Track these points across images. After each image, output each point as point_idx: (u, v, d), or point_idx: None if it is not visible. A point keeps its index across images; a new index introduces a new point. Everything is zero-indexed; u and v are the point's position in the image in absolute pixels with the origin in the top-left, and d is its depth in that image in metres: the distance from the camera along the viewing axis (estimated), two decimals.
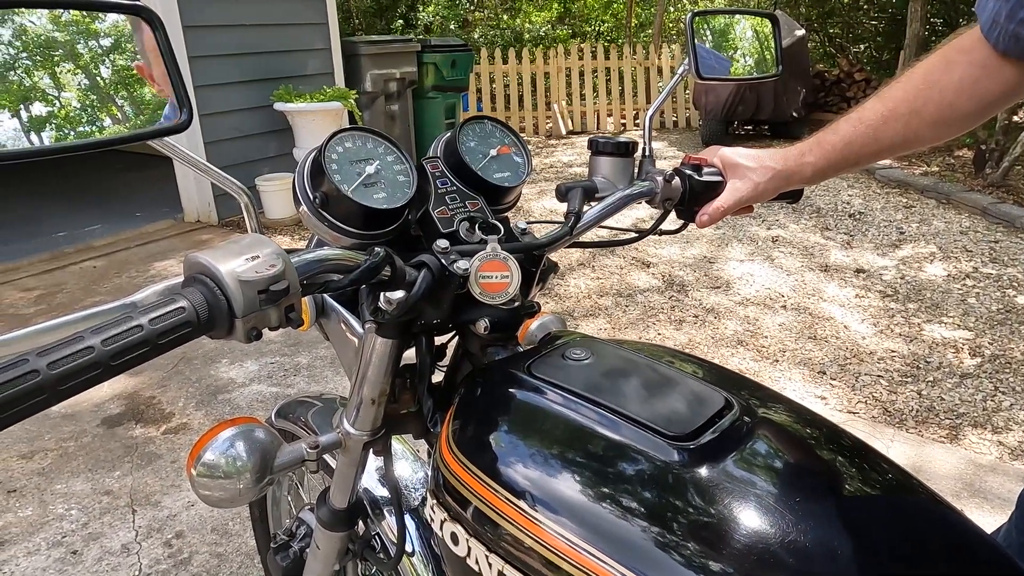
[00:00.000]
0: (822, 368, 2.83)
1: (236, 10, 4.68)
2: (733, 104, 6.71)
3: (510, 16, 11.57)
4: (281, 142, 4.97)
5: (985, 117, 0.78)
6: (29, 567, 1.82)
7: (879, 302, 3.43)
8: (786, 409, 0.69)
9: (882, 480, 0.63)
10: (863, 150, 0.81)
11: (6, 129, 0.66)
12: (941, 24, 8.17)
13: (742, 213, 0.90)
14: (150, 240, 4.48)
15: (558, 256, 0.89)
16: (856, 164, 0.83)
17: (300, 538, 1.03)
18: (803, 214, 4.78)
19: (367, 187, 0.69)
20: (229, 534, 1.92)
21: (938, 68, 0.76)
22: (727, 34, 1.23)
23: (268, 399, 2.62)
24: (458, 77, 5.99)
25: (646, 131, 0.96)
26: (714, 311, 3.37)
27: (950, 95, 0.74)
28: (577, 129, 8.02)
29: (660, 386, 0.69)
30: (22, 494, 2.11)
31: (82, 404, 2.57)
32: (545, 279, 0.83)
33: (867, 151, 0.81)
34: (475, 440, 0.67)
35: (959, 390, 2.64)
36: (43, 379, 0.44)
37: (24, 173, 6.06)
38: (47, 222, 4.78)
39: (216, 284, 0.52)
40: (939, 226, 4.46)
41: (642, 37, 10.88)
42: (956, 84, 0.74)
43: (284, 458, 0.74)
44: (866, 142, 0.80)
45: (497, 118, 0.83)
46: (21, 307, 3.47)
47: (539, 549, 0.57)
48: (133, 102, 0.75)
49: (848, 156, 0.82)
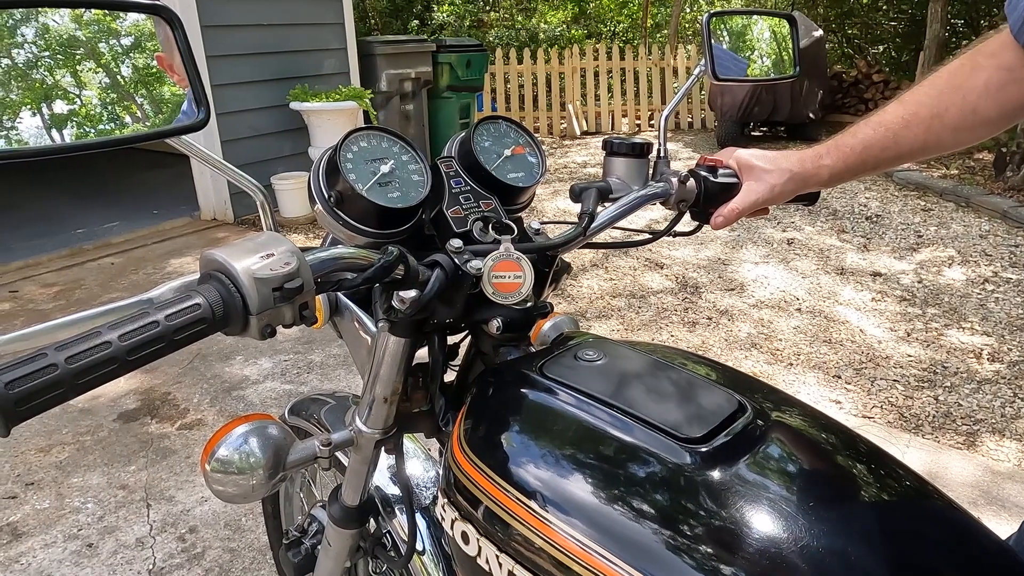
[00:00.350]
0: (837, 372, 2.80)
1: (254, 10, 4.71)
2: (749, 105, 6.67)
3: (525, 16, 11.57)
4: (297, 141, 5.01)
5: (1009, 124, 0.76)
6: (46, 559, 1.85)
7: (896, 306, 3.40)
8: (800, 413, 0.68)
9: (897, 486, 0.62)
10: (882, 154, 0.80)
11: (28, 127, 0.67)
12: (962, 25, 8.07)
13: (757, 215, 0.89)
14: (167, 237, 4.53)
15: (571, 257, 0.89)
16: (875, 168, 0.82)
17: (312, 535, 1.04)
18: (819, 216, 4.74)
19: (382, 186, 0.70)
20: (242, 530, 1.94)
21: (963, 72, 0.74)
22: (744, 35, 1.23)
23: (282, 396, 2.64)
24: (473, 77, 5.99)
25: (661, 132, 0.96)
26: (728, 313, 3.35)
27: (974, 99, 0.73)
28: (592, 130, 8.00)
29: (673, 388, 0.68)
30: (40, 487, 2.14)
31: (99, 399, 2.61)
32: (558, 280, 0.82)
33: (886, 155, 0.80)
34: (487, 440, 0.67)
35: (977, 396, 2.61)
36: (61, 373, 0.45)
37: (45, 170, 6.14)
38: (67, 219, 4.84)
39: (231, 281, 0.52)
40: (958, 229, 4.41)
41: (658, 37, 10.84)
42: (981, 88, 0.72)
43: (297, 455, 0.74)
44: (885, 146, 0.79)
45: (511, 118, 0.83)
46: (41, 302, 3.52)
47: (549, 550, 0.57)
48: (152, 101, 0.76)
49: (866, 160, 0.81)
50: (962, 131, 0.75)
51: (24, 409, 0.44)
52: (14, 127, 0.66)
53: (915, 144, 0.78)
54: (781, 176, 0.84)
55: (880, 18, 9.30)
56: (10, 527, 1.97)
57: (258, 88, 4.79)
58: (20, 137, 0.66)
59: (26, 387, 0.44)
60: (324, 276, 0.59)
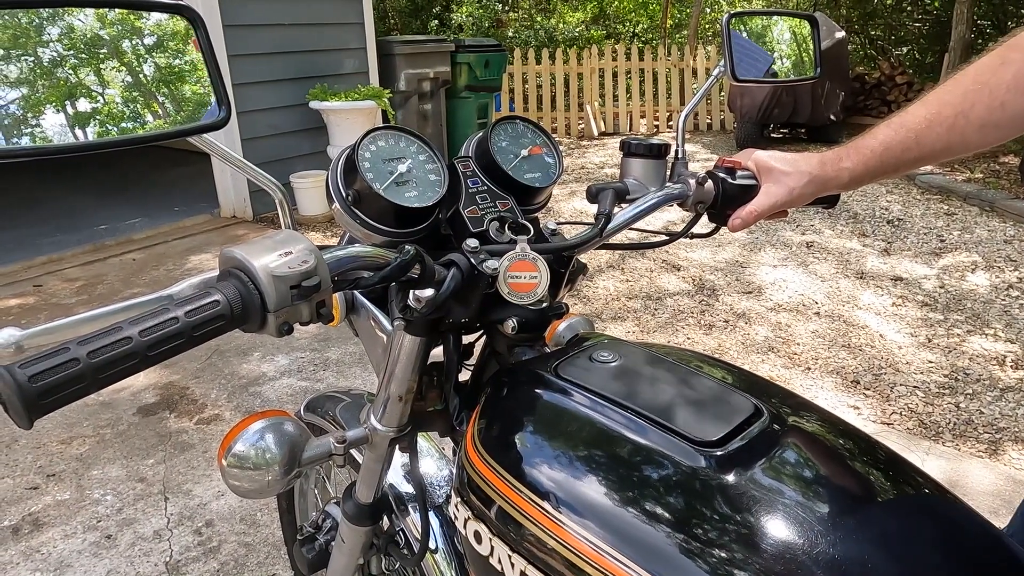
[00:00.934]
0: (856, 377, 2.77)
1: (275, 10, 4.76)
2: (769, 107, 6.60)
3: (544, 16, 11.56)
4: (316, 140, 5.04)
5: None
6: (66, 550, 1.88)
7: (917, 311, 3.35)
8: (817, 418, 0.67)
9: (916, 494, 0.61)
10: (904, 155, 0.78)
11: (53, 124, 0.68)
12: (989, 27, 7.93)
13: (776, 218, 0.88)
14: (187, 234, 4.58)
15: (587, 258, 0.88)
16: (896, 171, 0.81)
17: (326, 531, 1.04)
18: (839, 219, 4.68)
19: (399, 185, 0.70)
20: (257, 525, 1.96)
21: (990, 68, 0.72)
22: (764, 36, 1.22)
23: (298, 393, 2.66)
24: (491, 77, 6.00)
25: (679, 133, 0.95)
26: (745, 316, 3.32)
27: (1002, 94, 0.70)
28: (609, 130, 7.97)
29: (688, 391, 0.68)
30: (60, 478, 2.17)
31: (119, 393, 2.64)
32: (574, 280, 0.82)
33: (908, 157, 0.78)
34: (500, 440, 0.67)
35: (999, 404, 2.56)
36: (83, 367, 0.46)
37: (68, 167, 6.24)
38: (90, 215, 4.92)
39: (250, 279, 0.53)
40: (982, 234, 4.33)
41: (677, 38, 10.78)
42: (1009, 82, 0.70)
43: (312, 451, 0.75)
44: (907, 147, 0.77)
45: (529, 118, 0.83)
46: (64, 297, 3.58)
47: (562, 551, 0.57)
48: (174, 99, 0.77)
49: (887, 161, 0.79)
50: (988, 128, 0.73)
51: (47, 402, 0.45)
52: (39, 125, 0.67)
53: (938, 145, 0.76)
54: (800, 179, 0.83)
55: (904, 19, 9.17)
56: (32, 517, 2.00)
57: (278, 87, 4.83)
58: (45, 135, 0.67)
59: (49, 380, 0.44)
60: (341, 274, 0.59)
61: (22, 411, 0.44)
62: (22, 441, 2.36)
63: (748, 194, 0.86)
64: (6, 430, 2.40)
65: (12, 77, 0.66)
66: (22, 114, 0.66)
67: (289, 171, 4.76)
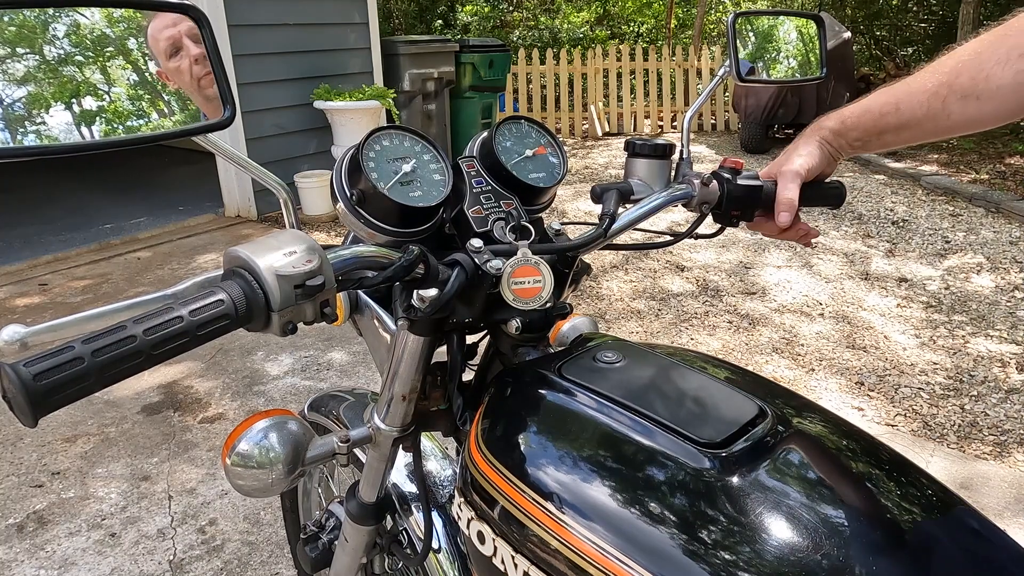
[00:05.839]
0: (860, 379, 2.76)
1: (280, 10, 4.77)
2: (774, 107, 6.59)
3: (548, 17, 11.56)
4: (320, 140, 5.05)
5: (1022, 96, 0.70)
6: (70, 547, 1.88)
7: (922, 313, 3.34)
8: (822, 419, 0.67)
9: (921, 496, 0.61)
10: (882, 120, 0.76)
11: (59, 123, 0.68)
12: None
13: (803, 240, 0.87)
14: (192, 233, 4.59)
15: (591, 258, 0.88)
16: (878, 136, 0.78)
17: (329, 530, 1.04)
18: (844, 220, 4.67)
19: (403, 185, 0.70)
20: (261, 523, 1.96)
21: (987, 42, 0.70)
22: (770, 36, 1.21)
23: (302, 392, 2.67)
24: (495, 77, 6.00)
25: (684, 133, 0.95)
26: (749, 317, 3.31)
27: (990, 66, 0.68)
28: (614, 131, 7.97)
29: (692, 392, 0.68)
30: (65, 476, 2.18)
31: (123, 392, 2.65)
32: (578, 281, 0.82)
33: (887, 122, 0.76)
34: (504, 440, 0.67)
35: (1005, 405, 2.55)
36: (88, 366, 0.46)
37: (74, 166, 6.26)
38: (95, 214, 4.93)
39: (254, 278, 0.53)
40: (987, 236, 4.32)
41: (682, 38, 10.76)
42: (1002, 55, 0.68)
43: (315, 451, 0.75)
44: (884, 112, 0.75)
45: (533, 118, 0.83)
46: (69, 296, 3.59)
47: (565, 552, 0.57)
48: (179, 99, 0.77)
49: (864, 123, 0.77)
50: (970, 100, 0.70)
51: (51, 400, 0.45)
52: (45, 123, 0.67)
53: (918, 111, 0.73)
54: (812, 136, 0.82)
55: (910, 19, 9.14)
56: (36, 515, 2.01)
57: (283, 87, 4.84)
58: (51, 133, 0.67)
59: (53, 379, 0.45)
60: (345, 274, 0.59)
61: (27, 409, 0.44)
62: (27, 439, 2.37)
63: (752, 195, 0.86)
64: (11, 428, 2.41)
65: (18, 76, 0.66)
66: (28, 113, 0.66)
67: (293, 171, 4.77)
